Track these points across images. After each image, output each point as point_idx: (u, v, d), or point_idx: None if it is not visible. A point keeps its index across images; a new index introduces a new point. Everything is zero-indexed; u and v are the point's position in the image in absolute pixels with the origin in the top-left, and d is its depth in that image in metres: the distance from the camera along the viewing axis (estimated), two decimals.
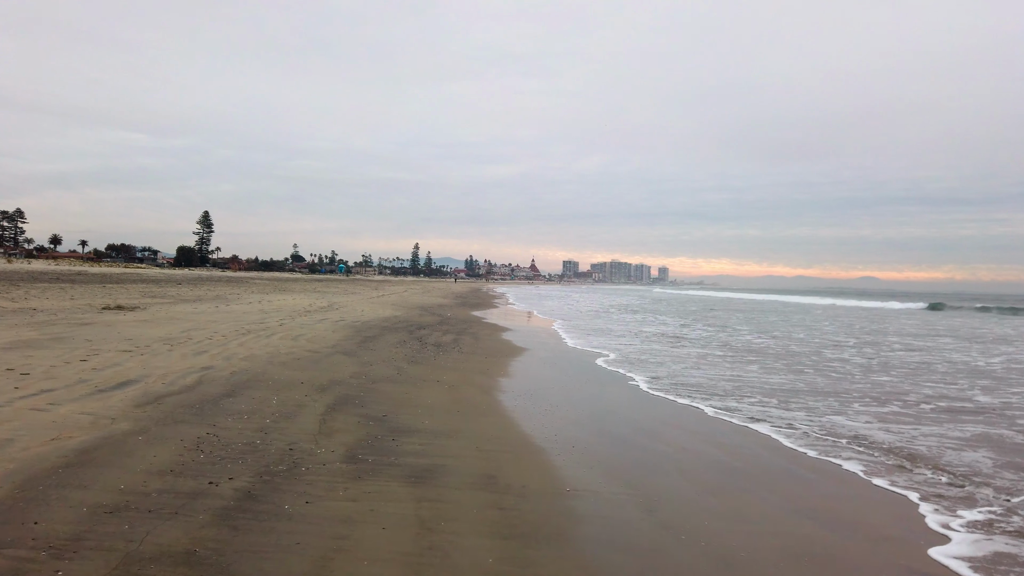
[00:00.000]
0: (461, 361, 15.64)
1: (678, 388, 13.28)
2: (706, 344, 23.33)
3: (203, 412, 8.45)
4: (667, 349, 21.11)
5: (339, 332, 19.88)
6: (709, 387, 13.58)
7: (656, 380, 14.23)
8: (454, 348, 18.16)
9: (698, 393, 12.80)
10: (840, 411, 11.41)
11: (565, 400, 11.62)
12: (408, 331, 22.20)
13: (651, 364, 17.05)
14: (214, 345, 14.83)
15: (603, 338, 24.47)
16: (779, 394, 13.01)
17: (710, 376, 15.14)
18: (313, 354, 14.73)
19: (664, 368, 16.31)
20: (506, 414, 10.01)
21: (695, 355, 19.62)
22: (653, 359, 18.26)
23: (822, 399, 12.58)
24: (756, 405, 11.76)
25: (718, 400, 12.13)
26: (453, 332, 23.06)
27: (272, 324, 20.77)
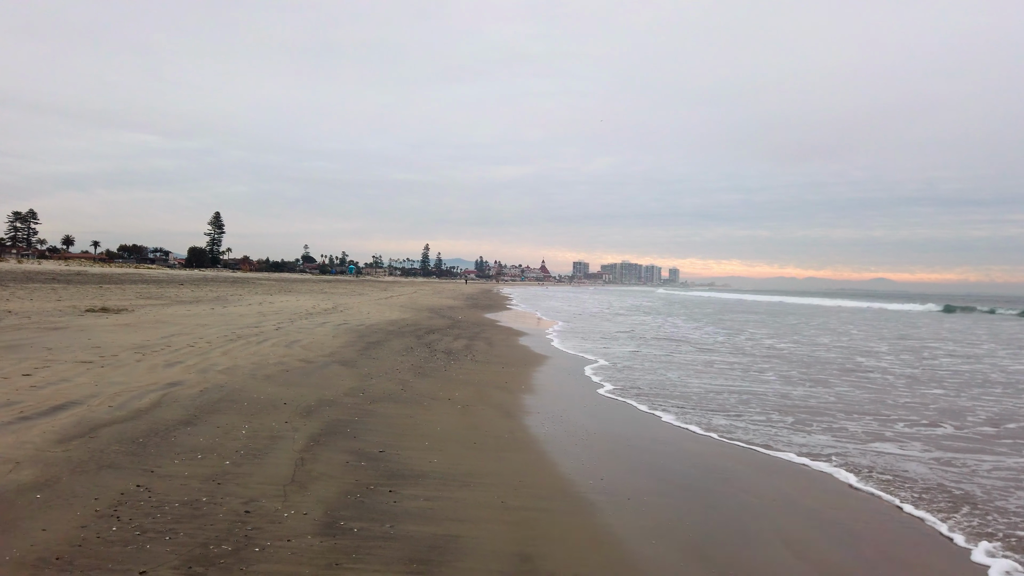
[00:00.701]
0: (475, 372, 13.60)
1: (725, 409, 11.18)
2: (738, 352, 21.20)
3: (144, 450, 6.44)
4: (697, 356, 18.99)
5: (340, 338, 17.89)
6: (759, 405, 11.47)
7: (692, 398, 12.15)
8: (466, 356, 16.11)
9: (750, 417, 10.70)
10: (923, 437, 9.28)
11: (599, 423, 9.56)
12: (416, 336, 20.19)
13: (684, 375, 14.96)
14: (193, 354, 12.85)
15: (626, 345, 22.37)
16: (838, 417, 10.89)
17: (754, 391, 13.03)
18: (306, 365, 12.72)
19: (700, 381, 14.21)
20: (534, 446, 7.95)
21: (734, 366, 17.50)
22: (685, 370, 16.17)
23: (885, 422, 10.44)
24: (823, 433, 9.64)
25: (776, 425, 10.03)
26: (465, 337, 21.03)
27: (267, 328, 18.80)
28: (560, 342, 21.74)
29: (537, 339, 22.44)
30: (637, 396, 11.78)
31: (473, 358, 15.84)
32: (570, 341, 22.28)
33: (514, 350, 18.53)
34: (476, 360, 15.51)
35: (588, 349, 19.81)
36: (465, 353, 16.68)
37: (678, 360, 17.82)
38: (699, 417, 10.21)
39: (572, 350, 19.36)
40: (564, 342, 21.80)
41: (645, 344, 22.26)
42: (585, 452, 7.83)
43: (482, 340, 20.45)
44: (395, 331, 21.17)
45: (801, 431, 9.50)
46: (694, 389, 12.87)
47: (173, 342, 14.45)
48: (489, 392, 11.32)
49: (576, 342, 21.98)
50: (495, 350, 18.03)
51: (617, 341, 23.05)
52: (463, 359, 15.49)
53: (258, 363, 12.38)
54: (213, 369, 11.29)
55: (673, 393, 12.31)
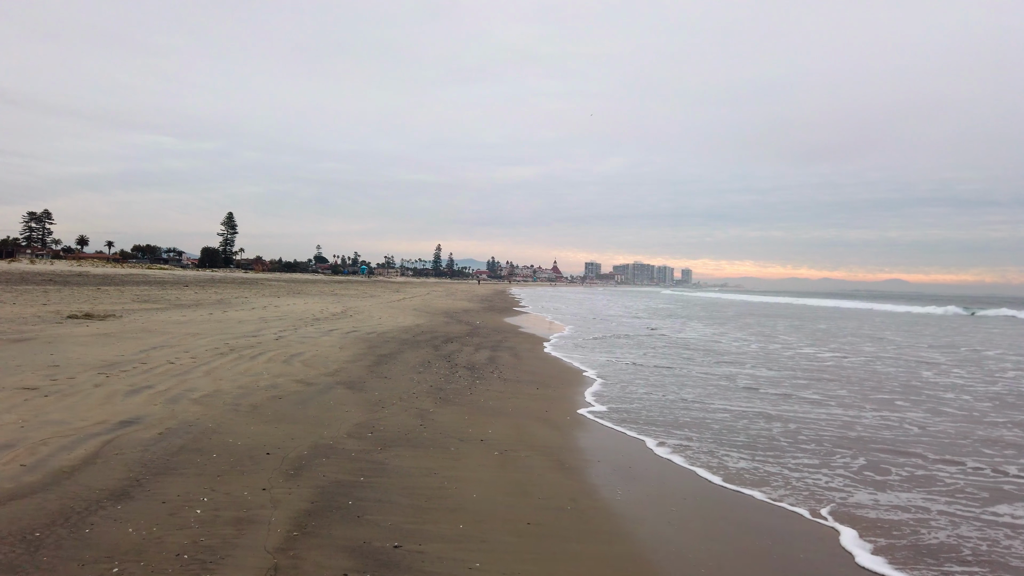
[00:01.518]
0: (507, 395, 11.26)
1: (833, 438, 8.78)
2: (779, 366, 18.75)
3: (31, 559, 4.15)
4: (738, 371, 16.58)
5: (347, 349, 15.62)
6: (841, 444, 9.07)
7: (761, 441, 9.75)
8: (493, 373, 13.79)
9: (864, 459, 8.30)
10: None
11: (680, 477, 7.21)
12: (433, 346, 17.89)
13: (733, 401, 12.57)
14: (169, 374, 10.60)
15: (662, 355, 19.99)
16: (930, 460, 8.44)
17: (846, 418, 10.62)
18: (304, 388, 10.44)
19: (755, 408, 11.81)
20: (615, 527, 5.58)
21: (778, 382, 15.07)
22: (732, 395, 13.77)
23: (999, 467, 7.98)
24: (914, 487, 7.20)
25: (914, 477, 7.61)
26: (487, 347, 18.72)
27: (266, 338, 16.56)
28: (591, 353, 19.38)
29: (564, 348, 20.09)
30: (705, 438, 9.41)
31: (501, 375, 13.51)
32: (600, 352, 19.90)
33: (544, 364, 16.19)
34: (505, 378, 13.18)
35: (624, 364, 17.44)
36: (490, 368, 14.36)
37: (717, 376, 15.42)
38: (795, 483, 7.81)
39: (608, 366, 17.01)
40: (595, 353, 19.43)
41: (680, 355, 19.86)
42: (692, 541, 5.46)
43: (506, 351, 18.13)
44: (409, 340, 18.89)
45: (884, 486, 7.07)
46: (759, 428, 10.46)
47: (151, 357, 12.21)
48: (530, 427, 8.98)
49: (607, 353, 19.60)
50: (524, 364, 15.69)
51: (652, 351, 20.65)
52: (489, 377, 13.17)
53: (246, 386, 10.11)
54: (187, 397, 9.03)
55: (736, 438, 9.92)
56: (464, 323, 27.33)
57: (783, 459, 8.00)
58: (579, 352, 19.17)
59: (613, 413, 10.34)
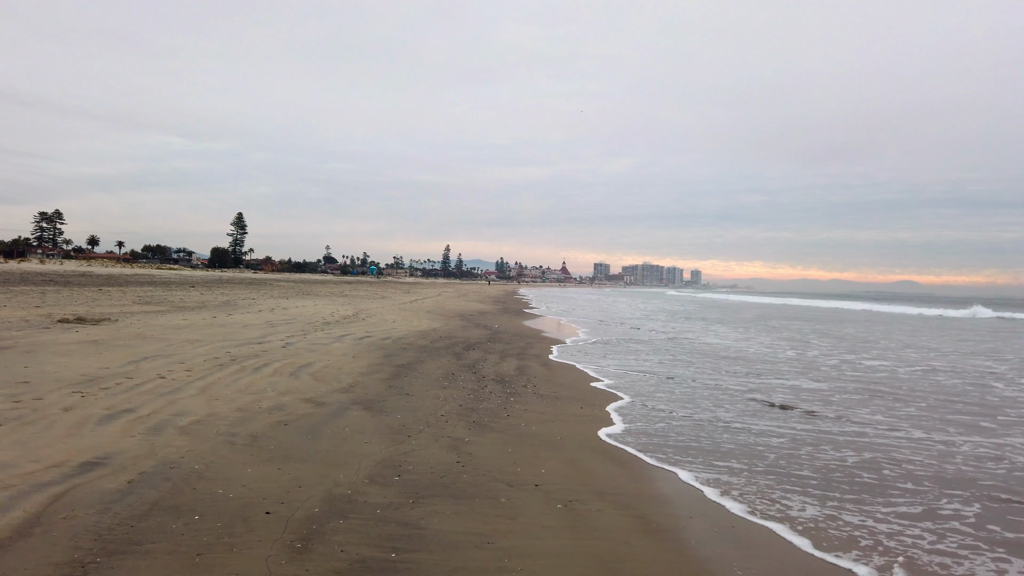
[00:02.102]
0: (549, 416, 9.63)
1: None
2: (839, 378, 17.04)
3: None
4: (795, 384, 14.88)
5: (361, 358, 14.01)
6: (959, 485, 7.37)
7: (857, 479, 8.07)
8: (526, 386, 12.16)
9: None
10: None
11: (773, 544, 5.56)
12: (454, 354, 16.27)
13: (801, 430, 10.88)
14: (158, 393, 9.01)
15: (696, 364, 18.28)
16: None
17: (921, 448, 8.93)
18: (314, 409, 8.83)
19: (833, 434, 10.12)
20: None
21: (849, 401, 13.36)
22: (793, 425, 12.08)
23: None
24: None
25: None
26: (513, 354, 17.08)
27: (273, 345, 14.98)
28: (620, 359, 17.70)
29: (592, 355, 18.42)
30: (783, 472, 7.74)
31: (535, 390, 11.87)
32: (628, 357, 18.21)
33: (579, 375, 14.53)
34: (541, 394, 11.54)
35: (660, 376, 15.77)
36: (522, 381, 12.72)
37: (761, 390, 13.72)
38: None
39: (644, 380, 15.35)
40: (625, 359, 17.75)
41: (716, 367, 18.16)
42: None
43: (534, 359, 16.49)
44: (428, 346, 17.27)
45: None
46: (848, 460, 8.78)
47: (140, 370, 10.63)
48: (588, 463, 7.33)
49: (636, 359, 17.91)
50: (556, 376, 14.05)
51: (685, 361, 18.95)
52: (523, 392, 11.53)
53: (246, 409, 8.50)
54: (173, 425, 7.42)
55: (800, 473, 8.23)
56: (482, 327, 25.70)
57: (874, 507, 6.32)
58: (609, 360, 17.47)
59: (671, 440, 8.67)
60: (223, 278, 70.16)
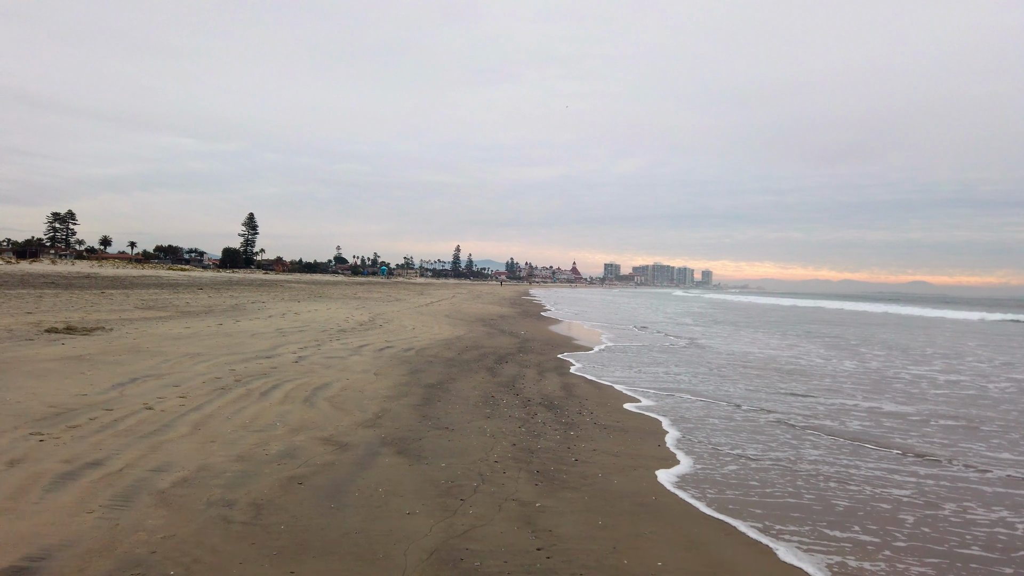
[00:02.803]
0: (627, 460, 7.66)
1: None
2: (923, 397, 14.98)
3: None
4: (893, 409, 12.83)
5: (385, 376, 12.08)
6: None
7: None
8: (581, 411, 10.19)
9: None
10: None
11: None
12: (487, 368, 14.33)
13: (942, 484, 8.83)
14: (139, 434, 7.11)
15: (760, 378, 16.24)
16: None
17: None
18: (336, 453, 6.90)
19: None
20: None
21: (970, 433, 11.31)
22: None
23: None
24: None
25: None
26: (551, 368, 15.12)
27: (284, 359, 13.09)
28: (666, 373, 15.69)
29: (632, 368, 16.42)
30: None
31: (594, 418, 9.90)
32: (674, 368, 16.19)
33: (627, 398, 12.55)
34: (602, 423, 9.57)
35: (713, 395, 13.78)
36: (574, 405, 10.76)
37: (856, 415, 11.69)
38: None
39: (697, 403, 13.36)
40: (670, 372, 15.74)
41: (768, 383, 16.13)
42: None
43: (576, 375, 14.53)
44: (456, 359, 15.33)
45: None
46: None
47: (124, 398, 8.74)
48: (714, 546, 5.35)
49: (684, 369, 15.89)
50: (609, 398, 12.07)
51: (735, 378, 16.92)
52: (582, 421, 9.56)
53: (248, 457, 6.58)
54: (150, 487, 5.50)
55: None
56: (508, 333, 23.74)
57: None
58: (651, 373, 15.43)
59: (759, 494, 6.66)
60: (233, 279, 68.48)
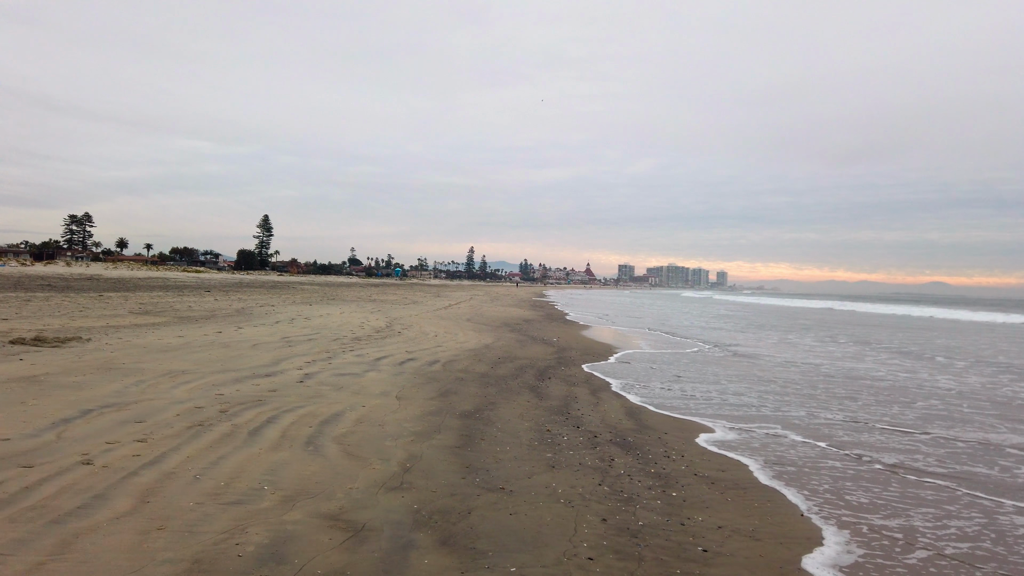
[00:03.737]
0: (773, 545, 5.18)
1: None
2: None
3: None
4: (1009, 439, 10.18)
5: (409, 401, 9.63)
6: None
7: None
8: (668, 454, 7.70)
9: None
10: None
11: None
12: (529, 387, 11.85)
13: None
14: (50, 515, 4.67)
15: (856, 403, 13.63)
16: None
17: None
18: (347, 550, 4.44)
19: None
20: None
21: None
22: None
23: None
24: None
25: None
26: (602, 385, 12.62)
27: (288, 378, 10.67)
28: (743, 391, 13.14)
29: (703, 389, 13.89)
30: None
31: (690, 463, 7.39)
32: (751, 389, 13.62)
33: (705, 428, 10.01)
34: (702, 473, 7.06)
35: (805, 424, 11.21)
36: (655, 444, 8.25)
37: (999, 452, 9.08)
38: None
39: (806, 427, 10.81)
40: (740, 391, 13.18)
41: (864, 405, 13.53)
42: None
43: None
44: (490, 375, 12.85)
45: None
46: None
47: (60, 443, 6.34)
48: None
49: (750, 391, 13.32)
50: (687, 429, 9.56)
51: (821, 398, 14.33)
52: (677, 471, 7.05)
53: (207, 565, 4.13)
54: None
55: None
56: (540, 341, 21.24)
57: None
58: (719, 390, 12.87)
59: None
60: (244, 281, 66.33)
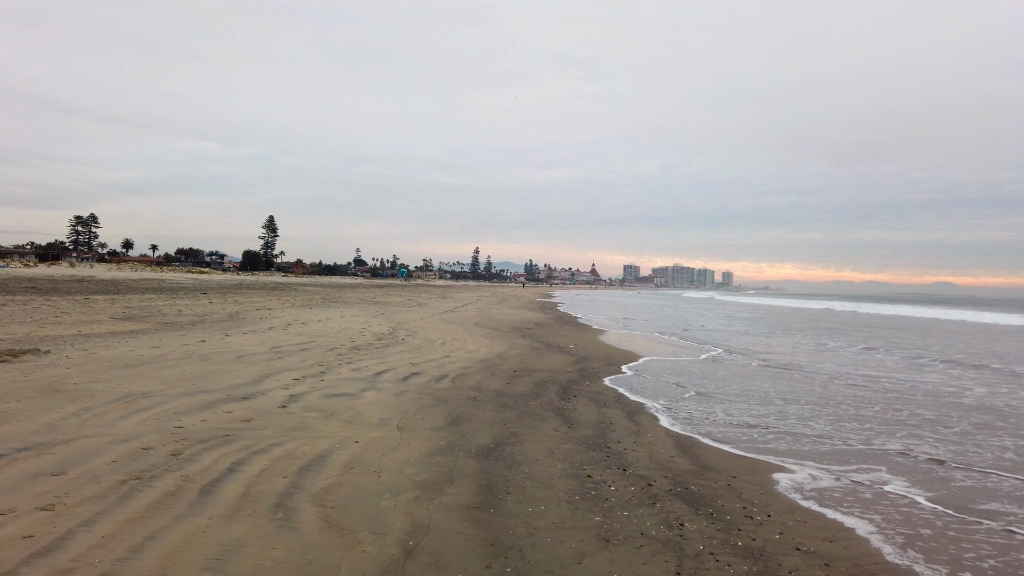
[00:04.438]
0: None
1: None
2: None
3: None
4: None
5: (413, 434, 7.77)
6: None
7: None
8: (754, 515, 5.85)
9: None
10: None
11: None
12: (557, 412, 9.98)
13: None
14: None
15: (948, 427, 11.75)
16: None
17: None
18: None
19: None
20: None
21: None
22: None
23: None
24: None
25: None
26: (636, 407, 10.76)
27: (269, 401, 8.83)
28: (803, 413, 11.24)
29: (759, 411, 12.01)
30: None
31: (785, 532, 5.53)
32: (811, 412, 11.73)
33: (785, 474, 8.14)
34: (809, 547, 5.21)
35: (911, 470, 9.32)
36: (728, 497, 6.40)
37: None
38: None
39: (925, 478, 8.93)
40: (803, 412, 11.29)
41: (973, 435, 11.63)
42: None
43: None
44: (506, 391, 11.00)
45: None
46: None
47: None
48: None
49: (833, 417, 11.43)
50: (758, 470, 7.69)
51: (913, 425, 12.44)
52: (774, 545, 5.21)
53: None
54: None
55: None
56: (555, 348, 19.37)
57: None
58: (776, 412, 10.96)
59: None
60: (244, 283, 64.55)
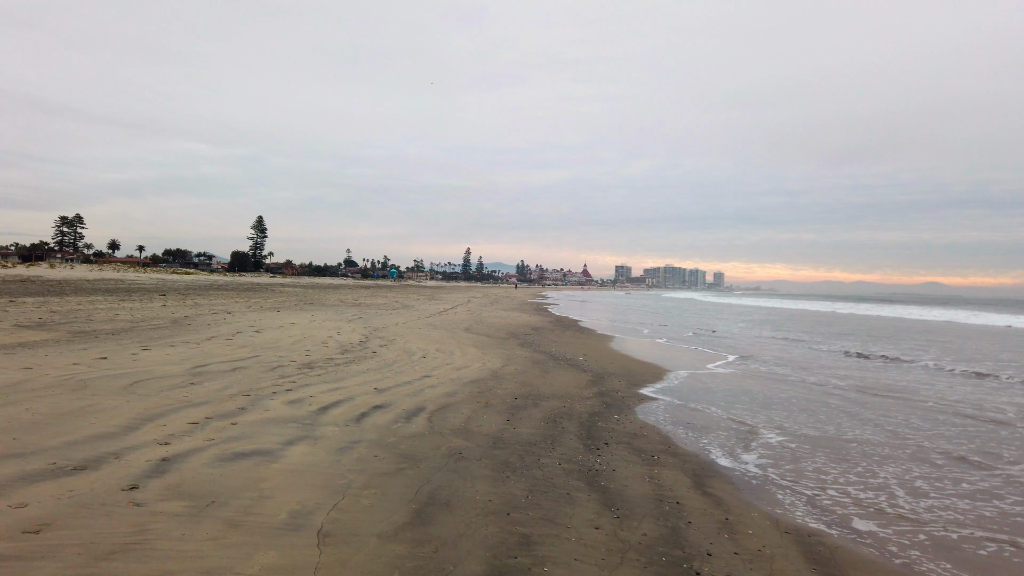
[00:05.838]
0: None
1: None
2: None
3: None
4: None
5: (343, 559, 4.15)
6: None
7: None
8: None
9: None
10: None
11: None
12: (586, 478, 6.37)
13: None
14: None
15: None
16: None
17: None
18: None
19: None
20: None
21: None
22: None
23: None
24: None
25: None
26: (699, 464, 7.19)
27: (111, 478, 5.15)
28: (932, 469, 7.71)
29: (865, 470, 8.46)
30: None
31: None
32: (945, 469, 8.21)
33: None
34: None
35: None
36: None
37: None
38: None
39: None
40: (931, 473, 7.76)
41: None
42: None
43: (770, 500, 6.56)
44: (506, 439, 7.38)
45: None
46: None
47: None
48: None
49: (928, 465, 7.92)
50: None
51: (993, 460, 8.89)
52: None
53: None
54: None
55: None
56: (562, 361, 15.75)
57: None
58: (885, 463, 7.39)
59: None
60: (217, 283, 60.46)
